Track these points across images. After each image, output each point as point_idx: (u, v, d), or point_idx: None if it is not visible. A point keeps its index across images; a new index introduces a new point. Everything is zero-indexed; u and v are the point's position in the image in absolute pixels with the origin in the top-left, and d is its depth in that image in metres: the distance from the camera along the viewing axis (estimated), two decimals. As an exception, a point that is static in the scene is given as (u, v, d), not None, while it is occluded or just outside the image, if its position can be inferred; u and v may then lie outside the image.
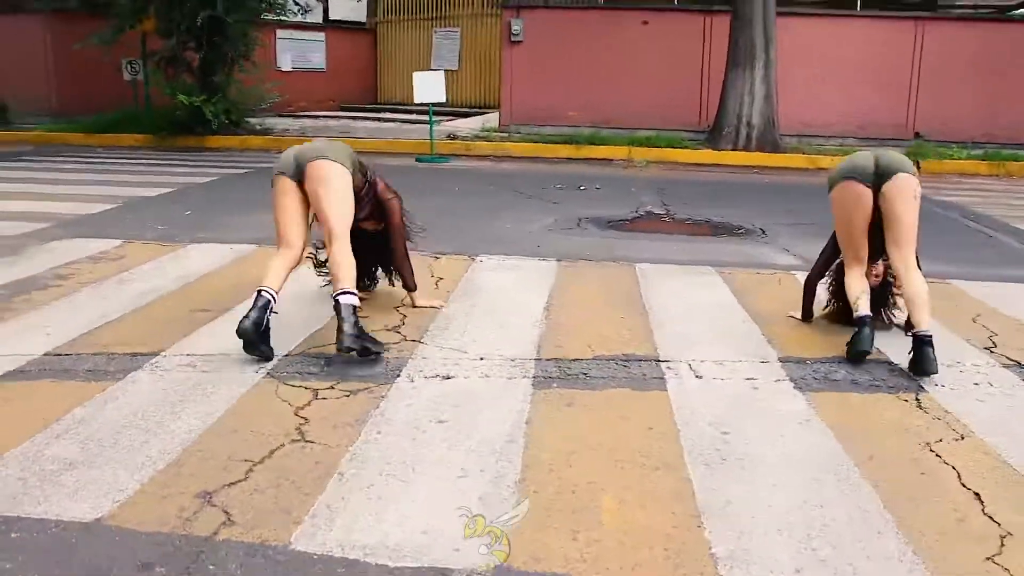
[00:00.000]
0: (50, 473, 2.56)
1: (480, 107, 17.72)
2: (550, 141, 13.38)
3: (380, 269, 4.63)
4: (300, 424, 2.96)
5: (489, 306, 4.49)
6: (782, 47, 12.91)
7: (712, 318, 4.43)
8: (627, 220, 7.52)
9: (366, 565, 2.14)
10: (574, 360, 3.71)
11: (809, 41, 14.17)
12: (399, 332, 4.04)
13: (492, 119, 16.01)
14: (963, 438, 3.06)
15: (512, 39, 14.74)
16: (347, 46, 19.25)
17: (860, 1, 16.61)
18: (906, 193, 3.95)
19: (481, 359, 3.68)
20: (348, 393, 3.26)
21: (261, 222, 6.73)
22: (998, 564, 2.26)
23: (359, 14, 19.86)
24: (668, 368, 3.65)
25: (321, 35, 18.49)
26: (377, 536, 2.27)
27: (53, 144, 12.69)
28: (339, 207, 3.92)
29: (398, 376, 3.45)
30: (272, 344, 3.64)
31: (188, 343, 3.78)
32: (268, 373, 3.44)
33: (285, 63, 17.46)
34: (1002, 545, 2.36)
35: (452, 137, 13.58)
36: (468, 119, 16.28)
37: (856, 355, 3.79)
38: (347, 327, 3.49)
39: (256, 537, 2.24)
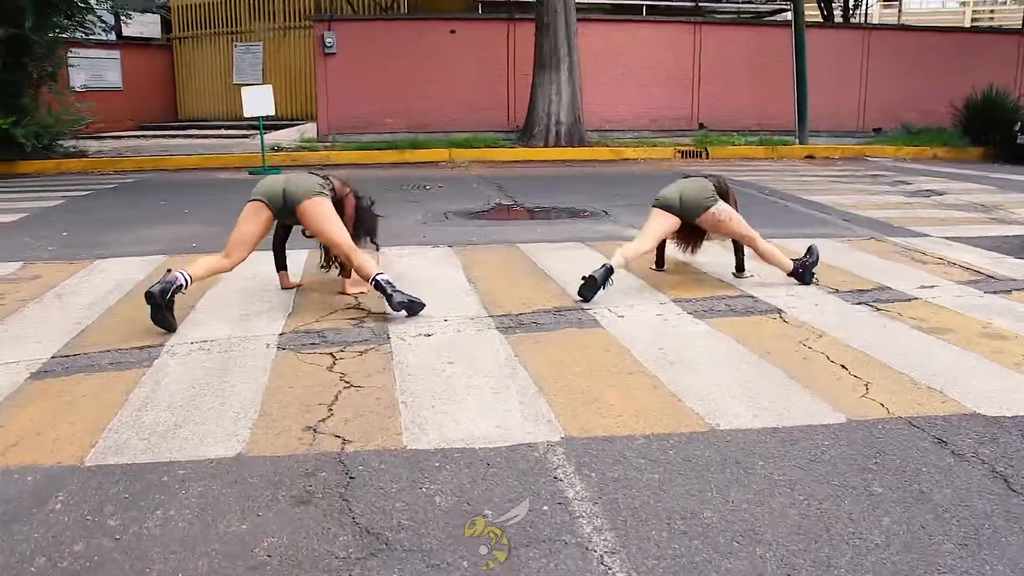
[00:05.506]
0: (165, 432, 3.01)
1: (290, 119, 17.94)
2: (372, 148, 13.96)
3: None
4: (341, 376, 3.57)
5: (419, 284, 5.15)
6: (581, 51, 14.35)
7: (606, 277, 5.41)
8: (485, 211, 8.43)
9: (471, 451, 2.86)
10: (520, 314, 4.54)
11: (604, 46, 15.81)
12: (361, 309, 4.67)
13: (308, 130, 16.33)
14: (821, 336, 4.22)
15: (326, 51, 15.20)
16: (143, 63, 18.67)
17: (645, 8, 18.61)
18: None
19: (446, 320, 4.42)
20: (359, 353, 3.89)
21: (145, 237, 6.96)
22: (870, 399, 3.38)
23: (153, 31, 19.30)
24: (594, 313, 4.58)
25: (116, 53, 17.82)
26: (462, 433, 2.99)
27: None
28: (341, 233, 4.66)
29: (388, 339, 4.11)
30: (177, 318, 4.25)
31: (183, 335, 4.17)
32: (279, 347, 3.98)
33: (78, 82, 16.71)
34: (867, 391, 3.48)
35: (277, 149, 13.83)
36: (282, 131, 16.45)
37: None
38: (395, 294, 4.39)
39: (376, 446, 2.89)
